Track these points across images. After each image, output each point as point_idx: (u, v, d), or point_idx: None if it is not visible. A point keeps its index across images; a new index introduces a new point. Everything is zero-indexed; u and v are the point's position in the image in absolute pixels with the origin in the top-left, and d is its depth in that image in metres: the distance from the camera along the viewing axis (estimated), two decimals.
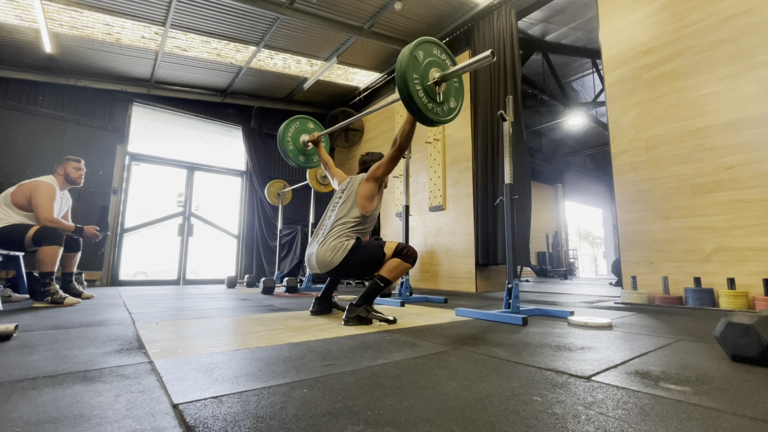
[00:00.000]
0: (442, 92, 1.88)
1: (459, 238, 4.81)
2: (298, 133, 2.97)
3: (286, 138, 2.92)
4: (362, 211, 2.16)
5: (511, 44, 4.41)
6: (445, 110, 1.93)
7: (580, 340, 1.58)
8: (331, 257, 2.05)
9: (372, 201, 2.20)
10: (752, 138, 2.73)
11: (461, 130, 4.99)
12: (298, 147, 2.96)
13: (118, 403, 0.83)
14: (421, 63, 1.81)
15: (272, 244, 6.65)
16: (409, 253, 2.08)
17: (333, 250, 2.05)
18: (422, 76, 1.80)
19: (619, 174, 3.41)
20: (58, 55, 5.04)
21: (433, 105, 1.85)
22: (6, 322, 1.70)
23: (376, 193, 2.22)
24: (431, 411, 0.80)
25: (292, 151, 2.94)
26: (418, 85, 1.78)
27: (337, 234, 2.10)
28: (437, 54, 1.90)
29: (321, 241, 2.13)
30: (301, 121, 3.01)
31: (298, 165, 3.00)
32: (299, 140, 2.96)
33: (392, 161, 2.13)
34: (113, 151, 5.71)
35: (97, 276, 5.39)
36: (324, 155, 2.75)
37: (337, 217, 2.18)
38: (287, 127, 2.94)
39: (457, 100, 2.00)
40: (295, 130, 2.97)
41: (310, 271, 2.22)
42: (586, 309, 2.75)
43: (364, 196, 2.18)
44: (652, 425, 0.74)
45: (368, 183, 2.20)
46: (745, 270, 2.68)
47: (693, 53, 3.07)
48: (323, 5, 4.52)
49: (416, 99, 1.76)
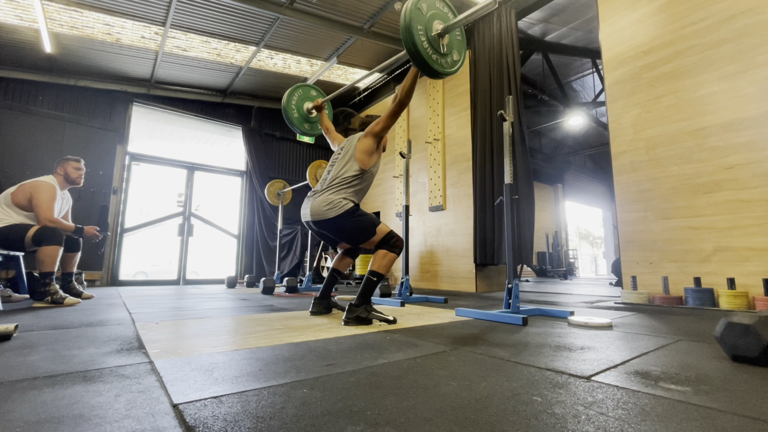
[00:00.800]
0: (446, 44, 1.90)
1: (459, 238, 4.81)
2: (301, 100, 2.97)
3: (290, 105, 2.91)
4: (360, 165, 2.17)
5: (511, 44, 4.41)
6: (449, 62, 1.95)
7: (580, 340, 1.58)
8: (326, 210, 2.06)
9: (371, 157, 2.20)
10: (752, 138, 2.73)
11: (461, 130, 4.99)
12: (302, 114, 2.96)
13: (118, 403, 0.83)
14: (425, 15, 1.82)
15: (272, 244, 6.65)
16: (395, 242, 2.10)
17: (329, 204, 2.07)
18: (426, 27, 1.82)
19: (619, 174, 3.41)
20: (58, 55, 5.04)
21: (437, 56, 1.87)
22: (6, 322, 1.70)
23: (375, 150, 2.22)
24: (431, 411, 0.80)
25: (296, 118, 2.94)
26: (422, 37, 1.79)
27: (336, 189, 2.12)
28: (440, 7, 1.92)
29: (320, 192, 2.14)
30: (303, 89, 3.00)
31: (303, 132, 2.99)
32: (303, 108, 2.96)
33: (392, 117, 2.13)
34: (113, 151, 5.71)
35: (97, 276, 5.39)
36: (326, 121, 2.77)
37: (336, 172, 2.19)
38: (291, 95, 2.93)
39: (459, 53, 2.02)
40: (299, 97, 2.96)
41: (302, 219, 2.22)
42: (586, 309, 2.75)
43: (363, 151, 2.19)
44: (652, 425, 0.74)
45: (367, 138, 2.21)
46: (745, 270, 2.68)
47: (693, 53, 3.07)
48: (323, 5, 4.52)
49: (421, 50, 1.77)
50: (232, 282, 5.08)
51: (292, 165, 7.65)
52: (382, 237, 2.10)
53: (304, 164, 7.78)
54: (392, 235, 2.11)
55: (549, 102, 8.18)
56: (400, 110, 2.10)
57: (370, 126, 2.23)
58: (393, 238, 2.10)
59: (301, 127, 2.96)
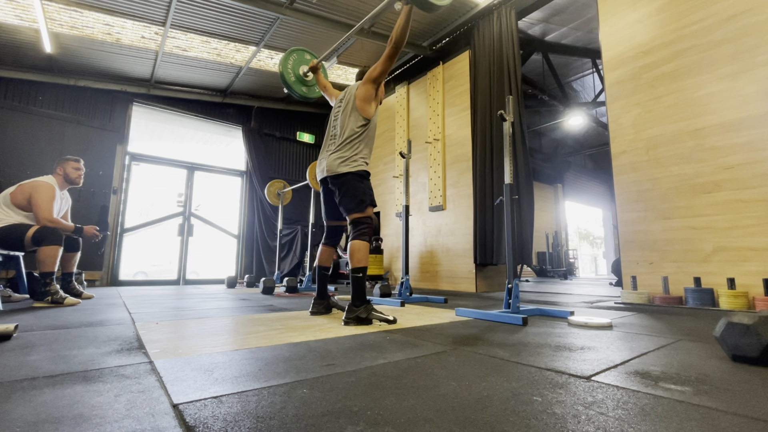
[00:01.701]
0: None
1: (459, 238, 4.81)
2: (297, 64, 3.00)
3: (286, 69, 2.94)
4: (363, 114, 2.22)
5: (512, 44, 4.41)
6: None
7: (580, 340, 1.58)
8: (339, 164, 2.15)
9: (370, 104, 2.24)
10: (752, 138, 2.73)
11: (461, 130, 4.99)
12: (298, 77, 2.99)
13: (118, 403, 0.83)
14: None
15: (272, 244, 6.65)
16: (364, 230, 2.12)
17: (343, 159, 2.15)
18: None
19: (619, 174, 3.41)
20: (58, 55, 5.04)
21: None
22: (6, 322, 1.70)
23: (373, 98, 2.26)
24: (431, 411, 0.80)
25: (294, 82, 2.97)
26: None
27: (348, 142, 2.18)
28: None
29: (333, 150, 2.21)
30: (297, 53, 3.03)
31: (301, 96, 3.02)
32: (299, 71, 2.99)
33: (389, 59, 2.13)
34: (113, 151, 5.71)
35: (97, 276, 5.39)
36: (322, 80, 2.80)
37: (342, 125, 2.24)
38: (286, 59, 2.96)
39: None
40: (294, 61, 2.99)
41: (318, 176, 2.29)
42: (586, 309, 2.75)
43: (363, 98, 2.23)
44: (652, 425, 0.74)
45: (365, 85, 2.24)
46: (745, 270, 2.68)
47: (693, 53, 3.07)
48: (323, 5, 4.52)
49: None
50: (232, 282, 5.08)
51: (292, 165, 7.65)
52: (359, 217, 2.12)
53: (304, 164, 7.78)
54: (365, 221, 2.13)
55: (549, 102, 8.18)
56: (396, 51, 2.10)
57: (367, 72, 2.26)
58: (364, 224, 2.12)
59: (299, 91, 2.99)
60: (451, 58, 5.29)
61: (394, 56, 2.13)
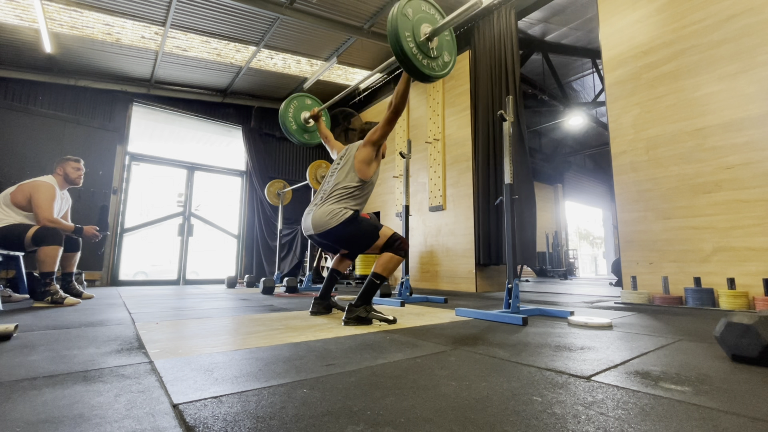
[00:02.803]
0: (435, 47, 1.91)
1: (459, 238, 4.81)
2: (298, 111, 3.01)
3: (287, 118, 2.97)
4: (360, 176, 2.16)
5: (511, 44, 4.41)
6: (440, 64, 1.96)
7: (580, 340, 1.58)
8: (327, 220, 2.05)
9: (369, 166, 2.20)
10: (752, 138, 2.73)
11: (461, 130, 4.99)
12: (300, 125, 3.01)
13: (118, 403, 0.83)
14: (411, 20, 1.83)
15: (272, 244, 6.65)
16: (400, 245, 2.09)
17: (330, 213, 2.05)
18: (414, 32, 1.82)
19: (619, 174, 3.41)
20: (58, 55, 5.04)
21: (427, 60, 1.87)
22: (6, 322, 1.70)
23: (374, 159, 2.22)
24: (431, 411, 0.80)
25: (295, 130, 2.99)
26: (410, 42, 1.80)
27: (337, 199, 2.11)
28: (426, 9, 1.93)
29: (319, 204, 2.14)
30: (299, 99, 3.04)
31: (302, 142, 3.03)
32: (300, 118, 3.00)
33: (388, 124, 2.13)
34: (113, 151, 5.71)
35: (97, 276, 5.39)
36: (324, 129, 2.78)
37: (336, 181, 2.19)
38: (287, 106, 2.98)
39: (450, 54, 2.03)
40: (295, 108, 3.01)
41: (305, 233, 2.23)
42: (586, 309, 2.75)
43: (362, 161, 2.18)
44: (652, 425, 0.74)
45: (365, 147, 2.21)
46: (745, 270, 2.68)
47: (693, 53, 3.07)
48: (323, 5, 4.52)
49: (410, 56, 1.78)
50: (232, 282, 5.08)
51: (292, 165, 7.65)
52: (386, 240, 2.09)
53: (304, 164, 7.78)
54: (396, 237, 2.10)
55: (549, 102, 8.18)
56: (395, 116, 2.11)
57: (368, 135, 2.22)
58: (397, 240, 2.09)
59: (300, 138, 3.01)
60: None
61: (395, 120, 2.13)
